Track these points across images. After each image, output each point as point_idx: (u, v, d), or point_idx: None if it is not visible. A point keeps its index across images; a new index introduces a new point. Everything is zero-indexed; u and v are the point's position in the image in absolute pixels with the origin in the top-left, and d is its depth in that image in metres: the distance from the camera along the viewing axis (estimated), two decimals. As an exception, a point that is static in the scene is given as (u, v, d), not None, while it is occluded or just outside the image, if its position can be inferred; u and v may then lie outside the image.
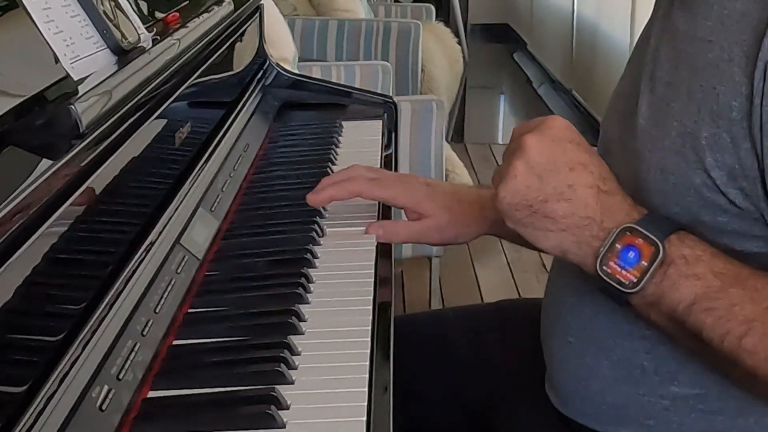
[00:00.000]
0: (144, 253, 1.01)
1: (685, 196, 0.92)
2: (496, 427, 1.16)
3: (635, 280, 0.88)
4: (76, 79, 0.95)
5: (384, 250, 1.25)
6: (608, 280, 0.90)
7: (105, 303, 0.89)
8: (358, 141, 1.70)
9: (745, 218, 0.91)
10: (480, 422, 1.02)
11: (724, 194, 0.90)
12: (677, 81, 0.94)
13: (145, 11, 1.29)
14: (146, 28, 1.18)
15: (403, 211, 1.29)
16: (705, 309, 0.87)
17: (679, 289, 0.88)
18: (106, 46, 1.04)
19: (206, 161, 1.30)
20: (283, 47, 2.82)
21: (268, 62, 1.85)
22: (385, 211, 1.36)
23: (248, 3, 1.75)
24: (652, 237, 0.88)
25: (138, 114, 1.03)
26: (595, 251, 0.91)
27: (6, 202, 0.72)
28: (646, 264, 0.88)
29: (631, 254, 0.89)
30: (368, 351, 0.99)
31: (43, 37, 0.93)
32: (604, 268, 0.90)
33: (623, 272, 0.89)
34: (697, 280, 0.87)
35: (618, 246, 0.89)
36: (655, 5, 1.06)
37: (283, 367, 0.93)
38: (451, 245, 1.61)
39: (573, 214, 0.92)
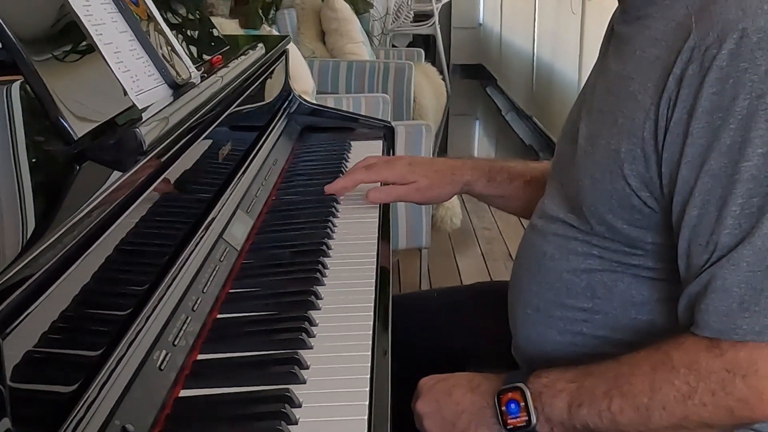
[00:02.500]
0: (194, 246, 1.01)
1: (609, 198, 0.93)
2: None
3: (527, 419, 0.91)
4: (140, 107, 0.95)
5: (384, 244, 1.25)
6: (515, 429, 0.92)
7: (163, 284, 0.89)
8: (363, 157, 1.69)
9: (652, 216, 0.92)
10: (455, 370, 1.02)
11: (638, 197, 0.91)
12: (606, 109, 0.96)
13: (195, 54, 1.29)
14: (196, 68, 1.18)
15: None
16: (578, 406, 0.89)
17: (555, 405, 0.90)
18: (164, 82, 1.04)
19: (243, 173, 1.30)
20: (304, 82, 2.82)
21: (292, 94, 1.85)
22: (384, 211, 1.37)
23: (276, 47, 1.75)
24: (515, 385, 0.92)
25: (189, 135, 1.03)
26: (497, 419, 0.93)
27: (86, 204, 0.72)
28: (524, 404, 0.91)
29: (513, 405, 0.92)
30: (371, 323, 0.99)
31: (115, 74, 0.93)
32: (508, 426, 0.92)
33: (518, 420, 0.91)
34: (561, 392, 0.90)
35: (503, 408, 0.92)
36: (598, 57, 1.08)
37: (304, 336, 0.93)
38: (439, 237, 1.61)
39: (474, 414, 0.95)
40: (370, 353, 0.91)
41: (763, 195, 0.80)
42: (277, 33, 3.77)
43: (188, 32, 1.37)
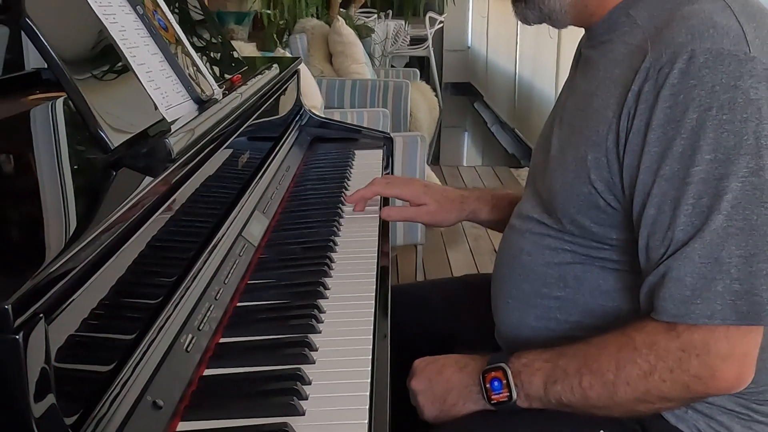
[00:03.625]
0: (217, 242, 1.01)
1: (578, 199, 0.93)
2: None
3: (509, 395, 0.91)
4: (169, 120, 0.95)
5: (383, 242, 1.25)
6: (498, 404, 0.92)
7: (190, 276, 0.89)
8: (365, 164, 1.69)
9: (616, 215, 0.92)
10: (445, 352, 1.02)
11: (603, 199, 0.91)
12: (575, 122, 0.96)
13: (217, 73, 1.29)
14: (218, 85, 1.18)
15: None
16: (552, 383, 0.89)
17: (533, 383, 0.90)
18: (190, 98, 1.04)
19: (260, 178, 1.30)
20: (313, 98, 2.82)
21: (303, 109, 1.85)
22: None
23: (289, 68, 1.75)
24: (498, 365, 0.92)
25: (212, 145, 1.03)
26: (482, 395, 0.93)
27: (122, 205, 0.72)
28: (506, 382, 0.91)
29: (496, 383, 0.92)
30: (372, 310, 0.99)
31: (146, 91, 0.93)
32: (492, 401, 0.92)
33: (500, 395, 0.91)
34: (538, 371, 0.90)
35: (488, 385, 0.92)
36: (568, 76, 1.08)
37: (313, 322, 0.93)
38: (432, 235, 1.62)
39: (461, 390, 0.95)
40: (371, 337, 0.91)
41: (711, 195, 0.81)
42: (289, 55, 3.77)
43: (211, 54, 1.37)
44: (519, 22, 1.08)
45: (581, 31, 1.04)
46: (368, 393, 0.79)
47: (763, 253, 0.81)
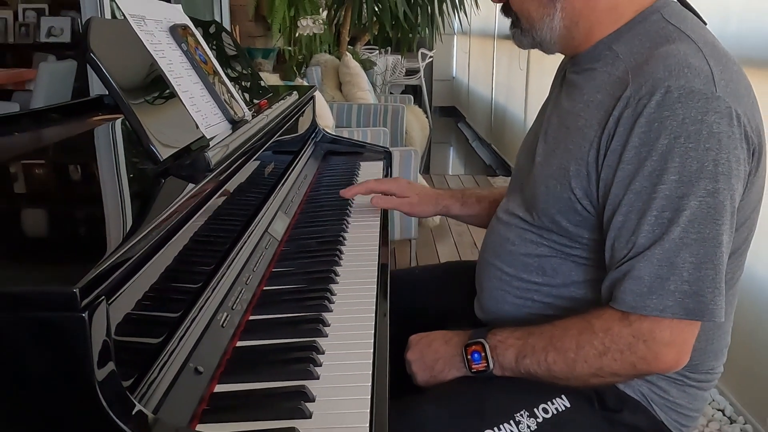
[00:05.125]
0: (247, 237, 1.01)
1: (558, 203, 0.92)
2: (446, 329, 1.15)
3: (486, 365, 0.91)
4: (208, 137, 0.95)
5: (383, 237, 1.24)
6: (477, 372, 0.91)
7: (225, 265, 0.89)
8: (369, 173, 1.69)
9: (589, 218, 0.91)
10: (435, 328, 1.01)
11: (581, 204, 0.90)
12: (559, 137, 0.94)
13: (248, 98, 1.29)
14: (248, 108, 1.18)
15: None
16: (522, 357, 0.89)
17: (506, 356, 0.90)
18: (225, 119, 1.04)
19: (282, 184, 1.30)
20: (326, 119, 2.81)
21: (318, 128, 1.85)
22: (384, 213, 1.36)
23: (306, 94, 1.75)
24: (478, 340, 0.91)
25: (243, 158, 1.03)
26: (464, 364, 0.93)
27: (169, 207, 0.72)
28: (484, 354, 0.91)
29: (476, 355, 0.91)
30: (375, 293, 0.99)
31: (189, 113, 0.93)
32: (472, 370, 0.92)
33: (480, 365, 0.91)
34: (511, 347, 0.90)
35: (469, 356, 0.92)
36: (549, 93, 1.07)
37: (326, 302, 0.93)
38: (424, 231, 1.61)
39: (447, 360, 0.95)
40: (374, 315, 0.91)
41: (672, 210, 0.80)
42: (306, 84, 3.77)
43: (242, 83, 1.37)
44: (494, 57, 1.07)
45: (547, 65, 1.03)
46: (371, 361, 0.79)
47: (710, 261, 0.80)
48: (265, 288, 0.97)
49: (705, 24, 0.91)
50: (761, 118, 0.86)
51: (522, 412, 0.88)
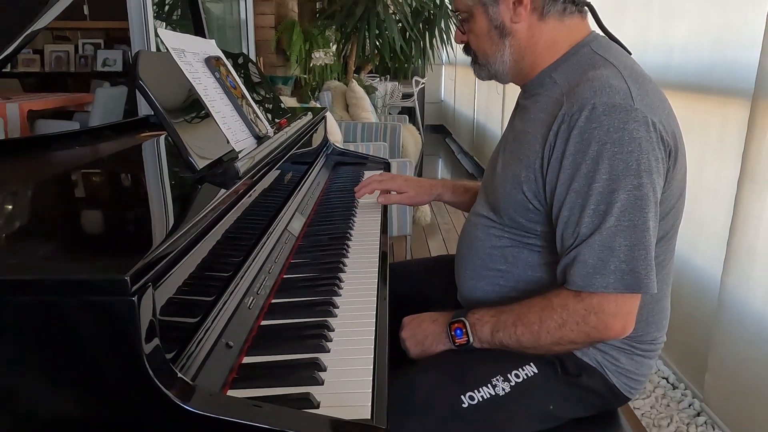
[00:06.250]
0: (270, 233, 1.01)
1: (515, 204, 0.92)
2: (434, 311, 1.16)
3: (467, 339, 0.91)
4: (237, 151, 0.95)
5: (383, 233, 1.24)
6: (459, 345, 0.91)
7: (251, 256, 0.89)
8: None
9: (540, 215, 0.91)
10: (425, 310, 1.01)
11: (532, 204, 0.91)
12: (513, 150, 0.95)
13: (270, 118, 1.29)
14: (270, 126, 1.18)
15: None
16: (496, 331, 0.89)
17: (483, 331, 0.90)
18: (251, 135, 1.04)
19: (299, 190, 1.30)
20: (335, 135, 2.82)
21: (329, 142, 1.85)
22: (383, 214, 1.36)
23: (319, 114, 1.75)
24: (460, 319, 0.92)
25: (266, 167, 1.03)
26: (449, 339, 0.92)
27: (204, 208, 0.72)
28: (465, 330, 0.91)
29: (458, 331, 0.91)
30: (376, 280, 0.99)
31: (221, 130, 0.93)
32: (456, 344, 0.92)
33: (461, 339, 0.91)
34: (487, 323, 0.90)
35: (452, 333, 0.92)
36: (510, 118, 1.07)
37: (335, 288, 0.93)
38: (417, 228, 1.61)
39: (435, 336, 0.94)
40: (375, 299, 0.91)
41: (606, 203, 0.81)
42: (319, 105, 3.77)
43: (266, 104, 1.37)
44: (476, 84, 1.07)
45: (519, 91, 1.03)
46: (373, 337, 0.79)
47: (641, 244, 0.81)
48: (284, 276, 0.97)
49: (629, 53, 0.93)
50: (677, 125, 0.88)
51: (497, 377, 0.89)
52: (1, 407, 0.55)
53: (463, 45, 1.00)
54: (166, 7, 3.25)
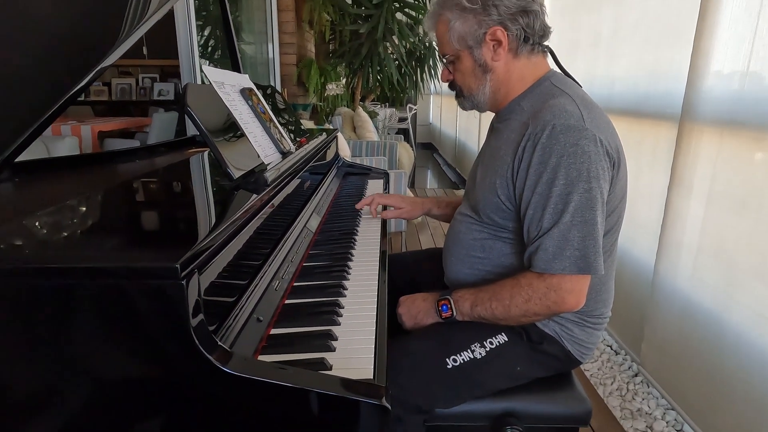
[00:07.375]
0: (291, 230, 1.00)
1: (491, 206, 0.92)
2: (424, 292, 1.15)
3: (452, 313, 0.90)
4: (266, 163, 0.94)
5: (383, 231, 1.24)
6: (445, 318, 0.91)
7: (277, 248, 0.89)
8: (374, 188, 1.68)
9: (511, 214, 0.90)
10: (417, 291, 1.01)
11: (504, 205, 0.90)
12: (489, 163, 0.95)
13: (292, 137, 1.29)
14: (293, 144, 1.18)
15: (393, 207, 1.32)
16: (476, 306, 0.88)
17: (464, 306, 0.89)
18: (277, 151, 1.04)
19: (316, 195, 1.30)
20: (345, 151, 2.81)
21: (339, 157, 1.85)
22: (382, 222, 1.36)
23: (332, 134, 1.74)
24: (445, 297, 0.91)
25: (290, 177, 1.03)
26: (437, 313, 0.92)
27: (240, 210, 0.72)
28: (450, 306, 0.90)
29: (444, 307, 0.91)
30: (377, 268, 0.98)
31: (253, 147, 0.93)
32: (442, 317, 0.91)
33: (447, 313, 0.91)
34: (467, 300, 0.89)
35: (440, 308, 0.91)
36: (486, 139, 1.07)
37: (344, 274, 0.93)
38: (410, 226, 1.60)
39: (426, 311, 0.93)
40: (377, 282, 0.91)
41: (563, 203, 0.81)
42: (332, 127, 3.76)
43: (289, 127, 1.37)
44: (458, 110, 1.07)
45: (492, 116, 1.03)
46: (375, 313, 0.79)
47: (591, 235, 0.81)
48: (304, 264, 0.97)
49: (580, 86, 0.94)
50: (620, 142, 0.88)
51: (475, 344, 0.89)
52: (79, 367, 0.55)
53: (448, 82, 1.00)
54: (209, 48, 3.26)
